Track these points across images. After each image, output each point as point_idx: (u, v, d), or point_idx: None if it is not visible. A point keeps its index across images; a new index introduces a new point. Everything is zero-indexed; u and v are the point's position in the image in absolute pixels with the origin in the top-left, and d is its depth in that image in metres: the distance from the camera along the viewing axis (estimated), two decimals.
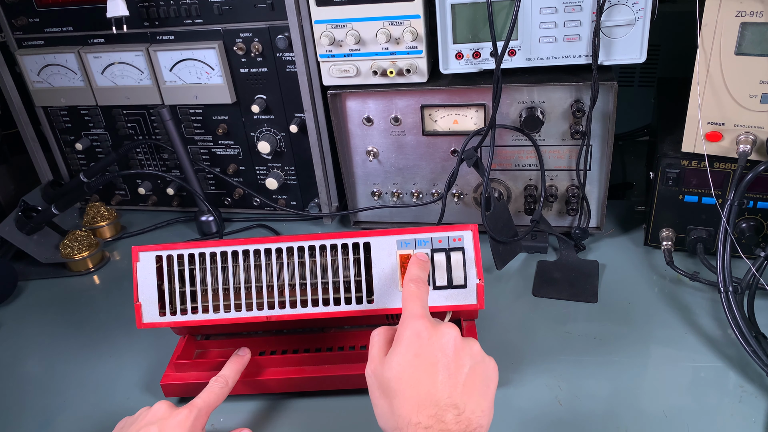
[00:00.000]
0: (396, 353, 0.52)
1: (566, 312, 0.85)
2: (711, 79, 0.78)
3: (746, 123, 0.79)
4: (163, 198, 1.20)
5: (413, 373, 0.50)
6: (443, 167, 0.98)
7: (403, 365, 0.51)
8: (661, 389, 0.72)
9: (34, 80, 1.11)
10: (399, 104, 0.94)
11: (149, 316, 0.71)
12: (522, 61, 0.87)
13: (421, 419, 0.48)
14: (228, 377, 0.69)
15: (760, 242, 0.86)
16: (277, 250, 0.70)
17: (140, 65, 1.04)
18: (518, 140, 0.93)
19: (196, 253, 0.71)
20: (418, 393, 0.50)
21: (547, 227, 0.96)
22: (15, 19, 1.06)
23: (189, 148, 1.11)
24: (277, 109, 1.03)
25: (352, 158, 1.02)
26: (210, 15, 0.98)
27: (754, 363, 0.71)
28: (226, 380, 0.68)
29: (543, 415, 0.70)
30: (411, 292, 0.58)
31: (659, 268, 0.91)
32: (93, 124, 1.14)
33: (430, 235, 0.68)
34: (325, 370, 0.74)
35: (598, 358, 0.77)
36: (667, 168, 0.86)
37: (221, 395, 0.67)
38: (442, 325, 0.54)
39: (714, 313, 0.82)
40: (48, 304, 0.99)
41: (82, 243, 1.05)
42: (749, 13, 0.73)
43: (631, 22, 0.81)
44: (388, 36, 0.88)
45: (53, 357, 0.88)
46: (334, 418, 0.73)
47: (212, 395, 0.66)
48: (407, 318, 0.55)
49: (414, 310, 0.55)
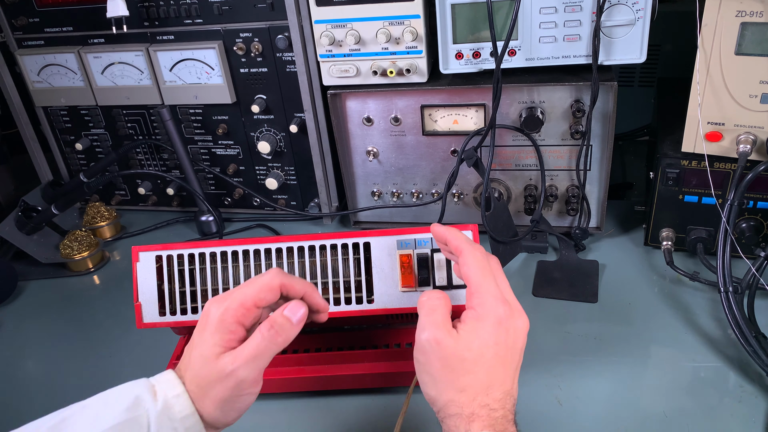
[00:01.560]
0: (477, 336, 0.51)
1: (566, 312, 0.85)
2: (711, 79, 0.78)
3: (746, 123, 0.79)
4: (163, 198, 1.20)
5: (491, 360, 0.51)
6: (443, 167, 0.98)
7: (482, 349, 0.51)
8: (661, 389, 0.72)
9: (34, 80, 1.11)
10: (399, 104, 0.94)
11: (149, 316, 0.71)
12: (522, 61, 0.87)
13: (489, 402, 0.50)
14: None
15: (760, 242, 0.86)
16: (277, 250, 0.70)
17: (140, 65, 1.04)
18: (518, 140, 0.93)
19: (196, 253, 0.71)
20: (491, 378, 0.51)
21: (547, 227, 0.96)
22: (15, 19, 1.06)
23: (189, 148, 1.11)
24: (277, 109, 1.03)
25: (352, 158, 1.02)
26: (210, 15, 0.98)
27: (754, 363, 0.71)
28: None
29: (543, 415, 0.70)
30: (481, 263, 0.54)
31: (659, 268, 0.91)
32: (93, 124, 1.14)
33: (431, 235, 0.68)
34: (325, 370, 0.74)
35: (598, 358, 0.77)
36: (667, 168, 0.86)
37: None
38: (519, 315, 0.53)
39: (714, 313, 0.82)
40: (48, 304, 0.99)
41: (82, 243, 1.05)
42: (749, 13, 0.73)
43: (631, 22, 0.81)
44: (388, 36, 0.88)
45: (53, 357, 0.88)
46: (334, 417, 0.73)
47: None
48: (490, 298, 0.52)
49: (494, 291, 0.53)
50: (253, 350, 0.51)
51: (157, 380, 0.52)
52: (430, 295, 0.55)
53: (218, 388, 0.51)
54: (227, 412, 0.52)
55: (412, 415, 0.69)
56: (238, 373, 0.50)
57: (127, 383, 0.52)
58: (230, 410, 0.52)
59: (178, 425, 0.50)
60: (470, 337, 0.51)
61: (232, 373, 0.50)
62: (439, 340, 0.51)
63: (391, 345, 0.76)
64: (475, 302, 0.52)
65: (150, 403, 0.49)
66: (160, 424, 0.49)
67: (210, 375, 0.51)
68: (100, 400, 0.51)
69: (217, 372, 0.50)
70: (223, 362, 0.50)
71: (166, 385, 0.51)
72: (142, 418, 0.49)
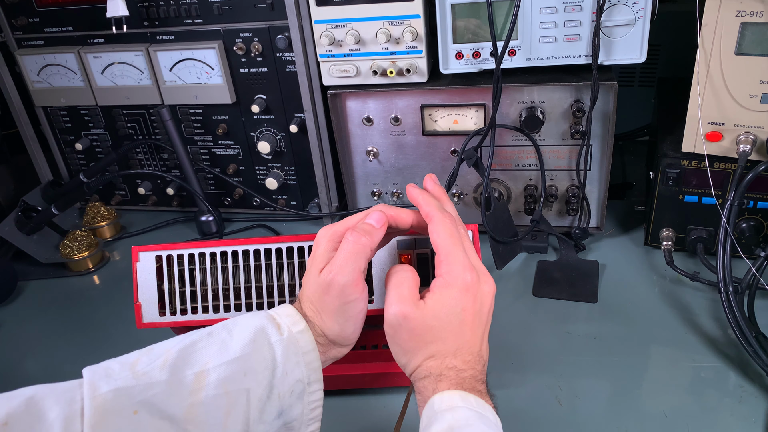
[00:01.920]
0: (444, 303, 0.52)
1: (566, 312, 0.85)
2: (711, 79, 0.78)
3: (746, 123, 0.79)
4: (163, 198, 1.20)
5: (458, 325, 0.52)
6: (443, 167, 0.98)
7: (450, 317, 0.52)
8: (661, 389, 0.72)
9: (34, 80, 1.11)
10: (399, 104, 0.94)
11: (149, 316, 0.71)
12: (522, 61, 0.87)
13: (457, 363, 0.51)
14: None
15: (760, 242, 0.86)
16: (277, 250, 0.70)
17: (140, 65, 1.04)
18: (518, 140, 0.93)
19: (196, 253, 0.70)
20: (458, 343, 0.52)
21: (547, 227, 0.96)
22: (15, 19, 1.06)
23: (189, 148, 1.11)
24: (277, 109, 1.03)
25: (352, 158, 1.02)
26: (210, 15, 0.98)
27: (754, 363, 0.71)
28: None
29: (543, 415, 0.70)
30: (450, 231, 0.54)
31: (659, 268, 0.91)
32: (93, 124, 1.14)
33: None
34: (325, 370, 0.73)
35: (598, 358, 0.77)
36: (667, 168, 0.86)
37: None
38: (486, 281, 0.54)
39: (714, 313, 0.82)
40: (48, 304, 0.99)
41: (82, 243, 1.05)
42: (749, 13, 0.73)
43: (631, 22, 0.81)
44: (388, 36, 0.88)
45: (53, 357, 0.88)
46: (334, 417, 0.73)
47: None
48: (458, 266, 0.53)
49: (462, 258, 0.53)
50: (343, 255, 0.53)
51: (277, 313, 0.54)
52: (397, 268, 0.56)
53: (327, 300, 0.53)
54: (344, 324, 0.54)
55: (412, 415, 0.69)
56: (336, 280, 0.53)
57: (246, 314, 0.54)
58: (345, 321, 0.54)
59: (301, 359, 0.52)
60: (437, 306, 0.52)
61: (332, 282, 0.53)
62: (406, 313, 0.52)
63: None
64: (443, 270, 0.53)
65: (276, 336, 0.52)
66: (287, 357, 0.51)
67: (318, 290, 0.54)
68: (224, 328, 0.52)
69: (321, 284, 0.53)
70: (323, 274, 0.54)
71: (287, 320, 0.53)
72: (268, 349, 0.51)
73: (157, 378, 0.47)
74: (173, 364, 0.48)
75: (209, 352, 0.50)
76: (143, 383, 0.47)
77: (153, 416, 0.46)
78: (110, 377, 0.47)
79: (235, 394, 0.49)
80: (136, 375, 0.47)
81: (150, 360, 0.49)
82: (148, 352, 0.50)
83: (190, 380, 0.48)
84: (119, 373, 0.47)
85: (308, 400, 0.53)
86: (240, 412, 0.49)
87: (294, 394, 0.52)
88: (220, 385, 0.48)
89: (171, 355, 0.49)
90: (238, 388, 0.49)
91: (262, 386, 0.50)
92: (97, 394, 0.45)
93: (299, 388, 0.52)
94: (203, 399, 0.47)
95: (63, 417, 0.43)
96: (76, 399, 0.45)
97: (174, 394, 0.47)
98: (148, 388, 0.46)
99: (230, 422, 0.48)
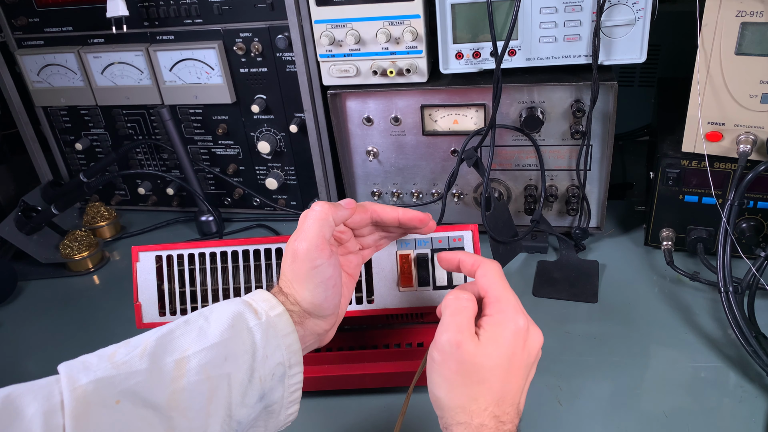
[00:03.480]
0: (496, 345, 0.51)
1: (566, 312, 0.85)
2: (711, 79, 0.78)
3: (746, 123, 0.79)
4: (163, 198, 1.20)
5: (506, 371, 0.51)
6: (443, 167, 0.98)
7: (500, 359, 0.51)
8: (662, 389, 0.72)
9: (34, 80, 1.11)
10: (399, 104, 0.94)
11: (149, 316, 0.71)
12: (522, 61, 0.87)
13: (500, 414, 0.50)
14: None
15: (760, 242, 0.86)
16: (277, 250, 0.70)
17: (140, 65, 1.04)
18: (518, 140, 0.93)
19: (196, 253, 0.71)
20: (504, 390, 0.51)
21: (547, 227, 0.96)
22: (15, 19, 1.06)
23: (189, 148, 1.11)
24: (277, 109, 1.03)
25: (352, 158, 1.02)
26: (210, 15, 0.98)
27: (754, 363, 0.71)
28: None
29: (543, 415, 0.70)
30: (501, 274, 0.55)
31: (659, 268, 0.91)
32: (93, 124, 1.14)
33: (430, 235, 0.68)
34: (325, 370, 0.74)
35: (598, 358, 0.77)
36: (667, 168, 0.86)
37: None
38: (535, 331, 0.53)
39: (714, 313, 0.82)
40: (48, 304, 0.99)
41: (82, 243, 1.05)
42: (749, 13, 0.73)
43: (631, 22, 0.81)
44: (388, 36, 0.88)
45: (53, 357, 0.87)
46: (335, 417, 0.73)
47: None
48: (511, 307, 0.52)
49: (515, 302, 0.53)
50: (307, 223, 0.55)
51: (252, 299, 0.54)
52: (458, 295, 0.54)
53: (295, 267, 0.55)
54: (314, 291, 0.55)
55: (412, 415, 0.69)
56: (300, 245, 0.54)
57: (222, 302, 0.54)
58: (315, 287, 0.55)
59: (280, 342, 0.52)
60: (490, 344, 0.51)
61: (297, 247, 0.54)
62: (461, 342, 0.50)
63: (391, 345, 0.76)
64: (494, 310, 0.52)
65: (254, 320, 0.52)
66: (266, 340, 0.51)
67: (288, 259, 0.55)
68: (201, 316, 0.52)
69: (289, 252, 0.55)
70: (290, 242, 0.56)
71: (264, 305, 0.54)
72: (247, 333, 0.51)
73: (137, 367, 0.47)
74: (152, 352, 0.48)
75: (188, 339, 0.50)
76: (124, 372, 0.46)
77: (136, 405, 0.45)
78: (89, 369, 0.46)
79: (216, 379, 0.49)
80: (116, 365, 0.47)
81: (128, 350, 0.49)
82: (125, 344, 0.50)
83: (170, 367, 0.48)
84: (98, 365, 0.47)
85: (289, 383, 0.53)
86: (222, 396, 0.49)
87: (275, 377, 0.52)
88: (201, 371, 0.48)
89: (149, 343, 0.49)
90: (219, 373, 0.49)
91: (242, 370, 0.50)
92: (77, 386, 0.45)
93: (280, 371, 0.52)
94: (185, 385, 0.47)
95: (42, 412, 0.43)
96: (54, 393, 0.44)
97: (156, 382, 0.47)
98: (129, 377, 0.46)
99: (213, 407, 0.48)
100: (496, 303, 0.53)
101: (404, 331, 0.78)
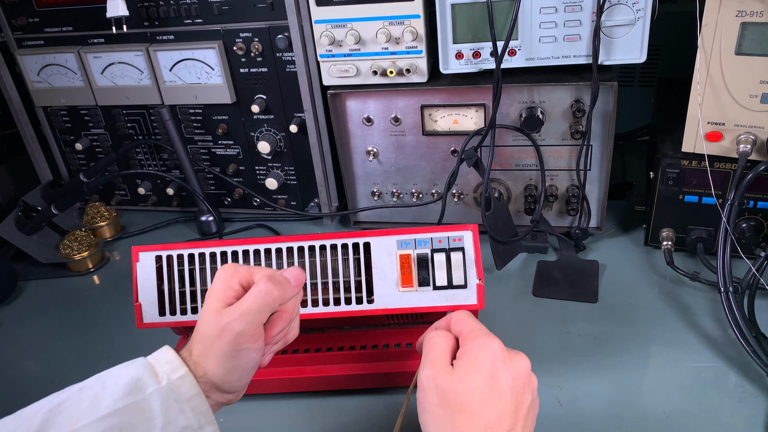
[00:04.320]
0: (471, 369, 0.50)
1: (566, 312, 0.85)
2: (711, 79, 0.78)
3: (746, 123, 0.79)
4: (163, 198, 1.20)
5: (486, 395, 0.50)
6: (443, 167, 0.98)
7: (477, 383, 0.50)
8: (662, 389, 0.72)
9: (34, 80, 1.11)
10: (399, 104, 0.94)
11: (149, 316, 0.71)
12: (522, 61, 0.87)
13: None
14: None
15: (760, 242, 0.86)
16: (277, 250, 0.70)
17: (140, 65, 1.04)
18: (518, 140, 0.93)
19: (196, 253, 0.70)
20: (487, 416, 0.49)
21: (547, 227, 0.96)
22: (15, 19, 1.06)
23: (189, 148, 1.11)
24: (277, 109, 1.03)
25: (352, 158, 1.02)
26: (210, 15, 0.98)
27: (754, 363, 0.71)
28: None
29: (543, 415, 0.69)
30: (475, 320, 0.56)
31: (659, 268, 0.91)
32: (93, 124, 1.14)
33: (430, 235, 0.68)
34: (325, 370, 0.74)
35: (598, 358, 0.77)
36: (667, 168, 0.86)
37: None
38: (517, 354, 0.53)
39: (714, 313, 0.82)
40: (48, 304, 0.99)
41: (82, 243, 1.05)
42: (749, 13, 0.73)
43: (631, 22, 0.81)
44: (388, 36, 0.88)
45: (53, 357, 0.88)
46: (334, 417, 0.73)
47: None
48: (482, 336, 0.53)
49: (485, 330, 0.54)
50: (248, 303, 0.52)
51: (156, 359, 0.52)
52: (431, 333, 0.55)
53: (218, 343, 0.51)
54: (231, 371, 0.52)
55: (412, 415, 0.69)
56: (233, 326, 0.51)
57: (124, 364, 0.52)
58: (233, 368, 0.52)
59: (185, 406, 0.50)
60: (463, 371, 0.51)
61: (228, 326, 0.51)
62: (435, 375, 0.51)
63: (391, 345, 0.76)
64: (467, 340, 0.53)
65: (153, 386, 0.49)
66: (167, 406, 0.49)
67: (211, 330, 0.52)
68: (97, 381, 0.50)
69: (216, 326, 0.51)
70: (221, 316, 0.51)
71: (167, 366, 0.51)
72: (145, 401, 0.49)
73: None
74: (38, 429, 0.45)
75: (79, 410, 0.47)
76: None
77: None
78: None
79: None
80: None
81: (15, 427, 0.46)
82: (15, 417, 0.47)
83: None
84: None
85: None
86: None
87: None
88: None
89: (36, 420, 0.46)
90: None
91: None
92: None
93: None
94: None
95: None
96: None
97: None
98: None
99: None
100: (469, 334, 0.53)
101: (404, 331, 0.78)
